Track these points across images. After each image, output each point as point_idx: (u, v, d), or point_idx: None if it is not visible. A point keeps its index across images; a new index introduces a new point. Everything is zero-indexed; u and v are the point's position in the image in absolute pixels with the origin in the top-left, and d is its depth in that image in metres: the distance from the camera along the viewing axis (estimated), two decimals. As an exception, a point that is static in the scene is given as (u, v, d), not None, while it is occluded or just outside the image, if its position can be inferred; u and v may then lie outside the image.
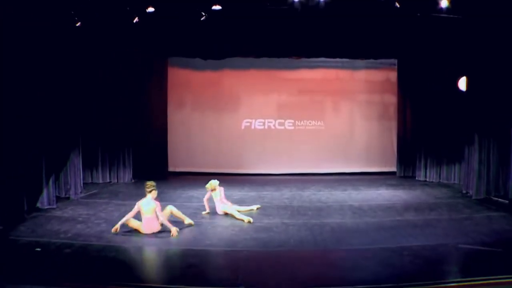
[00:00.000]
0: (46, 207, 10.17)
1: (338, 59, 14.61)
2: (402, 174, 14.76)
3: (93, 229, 8.71)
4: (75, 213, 9.91)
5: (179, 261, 7.38)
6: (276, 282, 6.29)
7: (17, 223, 8.91)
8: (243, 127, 15.39)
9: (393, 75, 15.14)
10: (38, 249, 7.45)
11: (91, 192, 12.10)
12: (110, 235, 8.36)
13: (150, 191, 8.56)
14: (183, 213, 9.17)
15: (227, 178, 13.64)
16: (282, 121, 15.41)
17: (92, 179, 13.37)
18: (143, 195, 11.60)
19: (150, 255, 7.55)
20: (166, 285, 6.18)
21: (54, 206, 10.33)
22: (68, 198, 11.22)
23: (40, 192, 10.13)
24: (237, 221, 9.37)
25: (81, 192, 11.66)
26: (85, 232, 8.51)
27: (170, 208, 8.94)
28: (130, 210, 8.64)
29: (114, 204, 10.87)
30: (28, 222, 9.14)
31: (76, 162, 11.47)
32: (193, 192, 12.20)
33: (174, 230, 8.28)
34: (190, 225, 8.93)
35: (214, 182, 9.98)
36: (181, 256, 7.57)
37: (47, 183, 10.26)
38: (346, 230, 8.84)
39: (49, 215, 9.73)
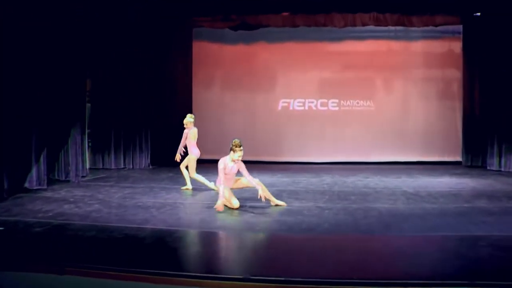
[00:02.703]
0: (35, 188, 8.81)
1: (390, 27, 12.72)
2: (469, 164, 12.45)
3: (82, 209, 7.39)
4: (68, 194, 8.52)
5: (165, 243, 5.72)
6: (296, 272, 4.62)
7: (-8, 202, 7.57)
8: (280, 108, 13.71)
9: (456, 46, 13.00)
10: (1, 228, 6.26)
11: (97, 176, 10.57)
12: (98, 215, 6.94)
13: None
14: None
15: (261, 167, 11.89)
16: (325, 101, 13.59)
17: (103, 164, 11.88)
18: (158, 180, 9.94)
19: (141, 236, 5.94)
20: (148, 270, 4.61)
21: (45, 187, 8.93)
22: (68, 181, 9.73)
23: (29, 170, 8.73)
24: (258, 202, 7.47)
25: (84, 176, 10.13)
26: (71, 212, 7.21)
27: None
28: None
29: (119, 186, 9.39)
30: (7, 202, 7.84)
31: (79, 140, 9.96)
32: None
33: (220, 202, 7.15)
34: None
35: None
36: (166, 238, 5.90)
37: (37, 160, 8.84)
38: (397, 215, 7.12)
39: (36, 195, 8.40)
